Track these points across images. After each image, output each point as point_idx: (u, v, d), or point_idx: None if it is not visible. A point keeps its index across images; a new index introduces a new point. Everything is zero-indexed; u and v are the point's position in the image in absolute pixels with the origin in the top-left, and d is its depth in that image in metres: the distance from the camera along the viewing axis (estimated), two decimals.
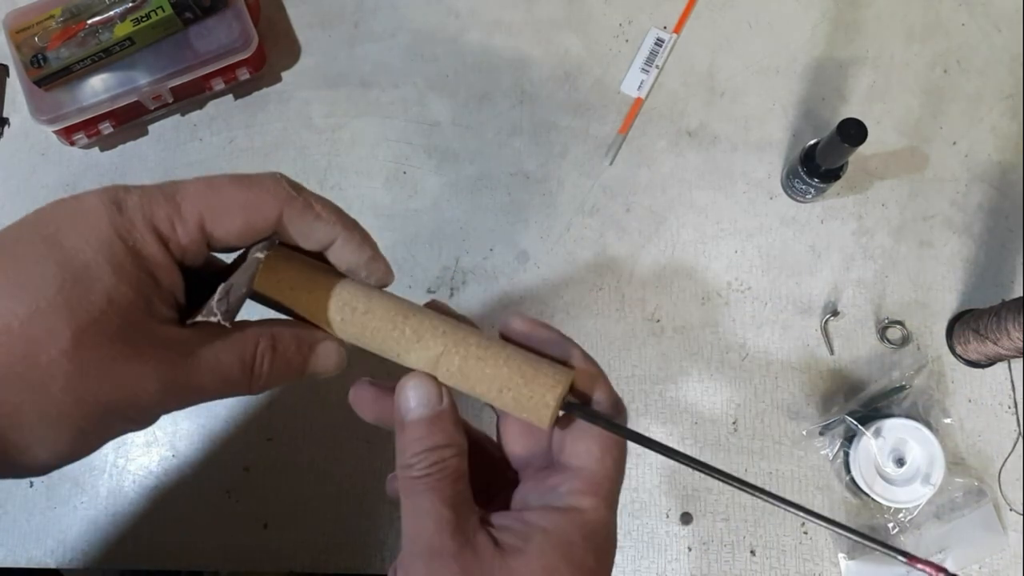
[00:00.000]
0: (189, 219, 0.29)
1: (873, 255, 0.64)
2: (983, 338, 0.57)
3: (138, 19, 0.60)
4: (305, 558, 0.58)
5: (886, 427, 0.57)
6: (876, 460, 0.56)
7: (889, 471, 0.57)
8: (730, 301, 0.63)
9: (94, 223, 0.28)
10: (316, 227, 0.32)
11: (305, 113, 0.67)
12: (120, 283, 0.28)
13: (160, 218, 0.29)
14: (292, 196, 0.31)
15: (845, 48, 0.68)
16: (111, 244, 0.28)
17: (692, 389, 0.61)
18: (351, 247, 0.33)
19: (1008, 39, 0.68)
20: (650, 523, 0.59)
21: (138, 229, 0.29)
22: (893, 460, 0.57)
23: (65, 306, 0.27)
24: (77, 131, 0.63)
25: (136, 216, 0.29)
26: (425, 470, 0.31)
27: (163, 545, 0.59)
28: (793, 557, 0.58)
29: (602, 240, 0.64)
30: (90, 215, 0.28)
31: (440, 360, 0.33)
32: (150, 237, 0.29)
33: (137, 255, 0.28)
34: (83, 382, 0.27)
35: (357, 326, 0.33)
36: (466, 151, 0.66)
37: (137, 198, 0.29)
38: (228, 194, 0.30)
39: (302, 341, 0.33)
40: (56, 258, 0.27)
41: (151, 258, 0.29)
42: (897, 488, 0.56)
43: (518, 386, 0.32)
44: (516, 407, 0.32)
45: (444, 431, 0.32)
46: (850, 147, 0.55)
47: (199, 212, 0.29)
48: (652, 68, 0.67)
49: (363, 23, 0.69)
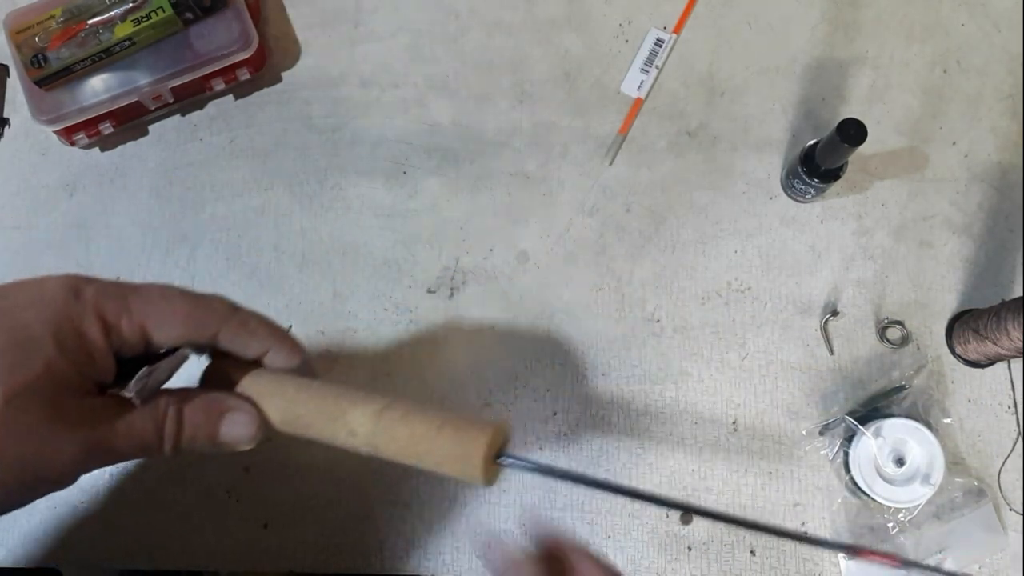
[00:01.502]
0: (135, 318, 0.34)
1: (873, 255, 0.64)
2: (983, 338, 0.57)
3: (138, 19, 0.60)
4: (305, 558, 0.58)
5: (886, 427, 0.57)
6: (876, 460, 0.56)
7: (889, 471, 0.57)
8: (730, 301, 0.63)
9: (50, 302, 0.32)
10: (250, 343, 0.37)
11: (305, 113, 0.67)
12: (59, 355, 0.32)
13: (109, 311, 0.33)
14: (229, 316, 0.36)
15: (845, 48, 0.68)
16: (60, 323, 0.32)
17: (692, 389, 0.61)
18: (282, 356, 0.38)
19: (1008, 39, 0.68)
20: (650, 523, 0.59)
21: (87, 315, 0.33)
22: (893, 460, 0.57)
23: (5, 371, 0.30)
24: (77, 131, 0.63)
25: (89, 305, 0.33)
26: None
27: (163, 545, 0.59)
28: (793, 557, 0.58)
29: (602, 240, 0.64)
30: (47, 295, 0.33)
31: (376, 431, 0.36)
32: (96, 325, 0.33)
33: (81, 336, 0.33)
34: (7, 440, 0.30)
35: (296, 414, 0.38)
36: (466, 151, 0.66)
37: (94, 290, 0.33)
38: (175, 306, 0.35)
39: (211, 406, 0.36)
40: (8, 327, 0.31)
41: (92, 342, 0.33)
42: (897, 488, 0.56)
43: (449, 447, 0.35)
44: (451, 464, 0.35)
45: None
46: (850, 147, 0.55)
47: (145, 315, 0.34)
48: (652, 68, 0.67)
49: (363, 23, 0.69)
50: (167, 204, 0.65)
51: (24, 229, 0.65)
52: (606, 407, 0.60)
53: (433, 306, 0.63)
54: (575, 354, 0.61)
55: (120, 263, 0.64)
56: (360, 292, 0.63)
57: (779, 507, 0.59)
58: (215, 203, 0.65)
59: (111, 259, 0.64)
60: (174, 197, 0.65)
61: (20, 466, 0.31)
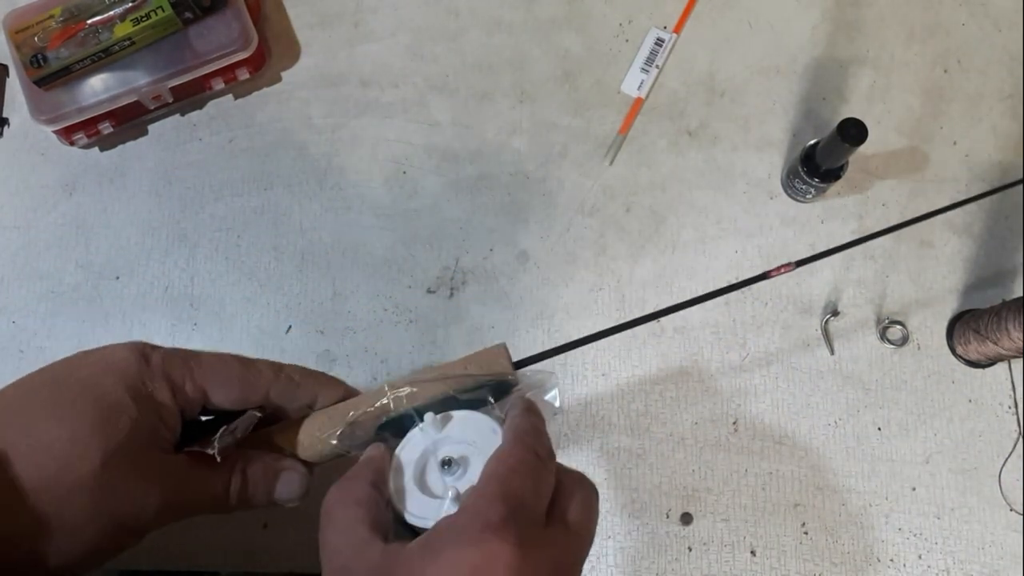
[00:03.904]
0: (197, 382, 0.37)
1: (873, 255, 0.64)
2: (983, 338, 0.57)
3: (138, 19, 0.60)
4: (305, 558, 0.58)
5: None
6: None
7: None
8: (730, 301, 0.63)
9: (125, 369, 0.35)
10: (298, 394, 0.40)
11: (305, 113, 0.67)
12: (140, 417, 0.35)
13: (175, 375, 0.37)
14: (277, 376, 0.39)
15: (845, 48, 0.68)
16: (136, 387, 0.35)
17: (692, 389, 0.61)
18: (328, 398, 0.41)
19: (1008, 39, 0.68)
20: (650, 523, 0.59)
21: (157, 379, 0.36)
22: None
23: (100, 434, 0.33)
24: (77, 131, 0.63)
25: (158, 369, 0.36)
26: (331, 495, 0.36)
27: (163, 545, 0.59)
28: (793, 557, 0.58)
29: (602, 240, 0.64)
30: (121, 363, 0.36)
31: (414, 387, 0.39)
32: (165, 387, 0.36)
33: (152, 399, 0.36)
34: (103, 498, 0.33)
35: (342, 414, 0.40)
36: (466, 151, 0.66)
37: (160, 357, 0.37)
38: (232, 371, 0.38)
39: (268, 467, 0.39)
40: (94, 394, 0.34)
41: (163, 404, 0.36)
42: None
43: (480, 368, 0.39)
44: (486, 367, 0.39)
45: (360, 468, 0.37)
46: (850, 147, 0.55)
47: (205, 379, 0.37)
48: (652, 68, 0.67)
49: (363, 23, 0.69)
50: (167, 204, 0.65)
51: (23, 229, 0.65)
52: (606, 407, 0.60)
53: (433, 306, 0.63)
54: (575, 354, 0.61)
55: (120, 263, 0.64)
56: (360, 292, 0.63)
57: (779, 507, 0.59)
58: (215, 203, 0.65)
59: (111, 259, 0.64)
60: (174, 197, 0.65)
61: (112, 524, 0.34)
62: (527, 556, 0.30)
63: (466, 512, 0.32)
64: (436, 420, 0.38)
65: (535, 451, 0.34)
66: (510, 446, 0.35)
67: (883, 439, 0.60)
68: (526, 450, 0.34)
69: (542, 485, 0.34)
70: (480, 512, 0.31)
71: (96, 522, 0.33)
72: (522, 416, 0.37)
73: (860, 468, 0.60)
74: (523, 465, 0.33)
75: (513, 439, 0.35)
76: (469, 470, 0.36)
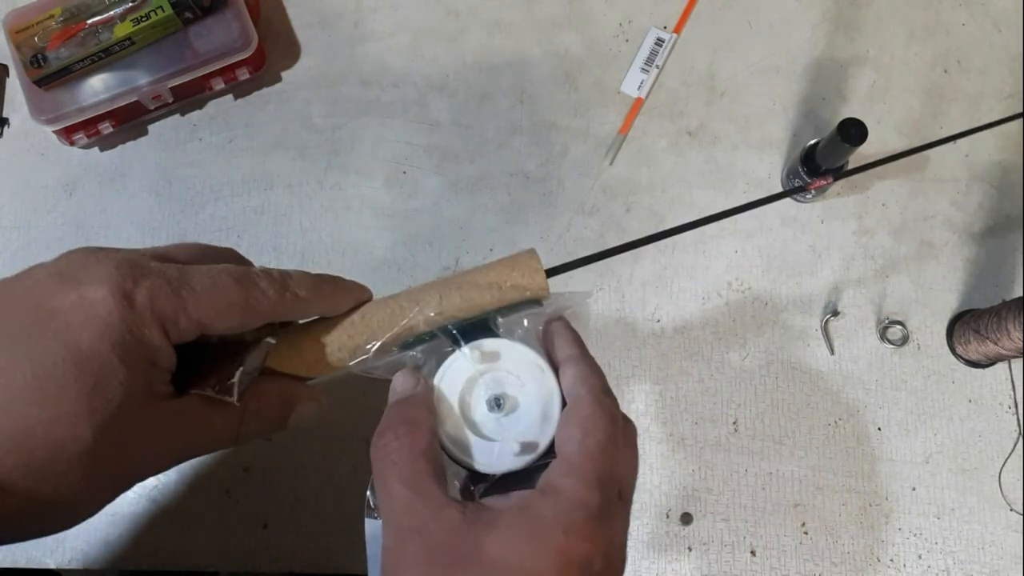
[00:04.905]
0: (192, 315, 0.32)
1: (873, 255, 0.64)
2: (983, 338, 0.57)
3: (138, 19, 0.60)
4: (305, 558, 0.58)
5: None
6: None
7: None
8: (730, 301, 0.63)
9: (107, 320, 0.30)
10: (308, 311, 0.37)
11: (305, 113, 0.67)
12: (131, 375, 0.31)
13: (167, 311, 0.32)
14: (282, 298, 0.35)
15: (845, 48, 0.68)
16: (123, 341, 0.31)
17: (692, 389, 0.61)
18: (346, 308, 0.38)
19: (1008, 39, 0.68)
20: (650, 523, 0.59)
21: (146, 324, 0.31)
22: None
23: (86, 409, 0.30)
24: (77, 131, 0.63)
25: (145, 312, 0.31)
26: (389, 443, 0.33)
27: (163, 545, 0.59)
28: (793, 557, 0.58)
29: (602, 240, 0.64)
30: (102, 313, 0.30)
31: (443, 301, 0.36)
32: (156, 328, 0.32)
33: (141, 346, 0.31)
34: (99, 468, 0.31)
35: (363, 335, 0.37)
36: (466, 151, 0.66)
37: (146, 294, 0.31)
38: (231, 296, 0.33)
39: (284, 400, 0.37)
40: (74, 359, 0.30)
41: (156, 347, 0.32)
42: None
43: (511, 275, 0.36)
44: (519, 290, 0.36)
45: (415, 410, 0.34)
46: (850, 147, 0.54)
47: (201, 312, 0.33)
48: (652, 68, 0.67)
49: (363, 23, 0.69)
50: (167, 204, 0.65)
51: (23, 229, 0.65)
52: None
53: None
54: None
55: None
56: None
57: (779, 507, 0.59)
58: (215, 203, 0.65)
59: None
60: (174, 197, 0.65)
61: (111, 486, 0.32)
62: (613, 540, 0.30)
63: (565, 496, 0.30)
64: (478, 348, 0.35)
65: (616, 418, 0.33)
66: (592, 411, 0.32)
67: (883, 439, 0.60)
68: (611, 421, 0.32)
69: (628, 465, 0.33)
70: (582, 501, 0.30)
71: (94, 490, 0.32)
72: (590, 368, 0.34)
73: (860, 468, 0.60)
74: (611, 442, 0.32)
75: (593, 403, 0.33)
76: (519, 410, 0.35)
